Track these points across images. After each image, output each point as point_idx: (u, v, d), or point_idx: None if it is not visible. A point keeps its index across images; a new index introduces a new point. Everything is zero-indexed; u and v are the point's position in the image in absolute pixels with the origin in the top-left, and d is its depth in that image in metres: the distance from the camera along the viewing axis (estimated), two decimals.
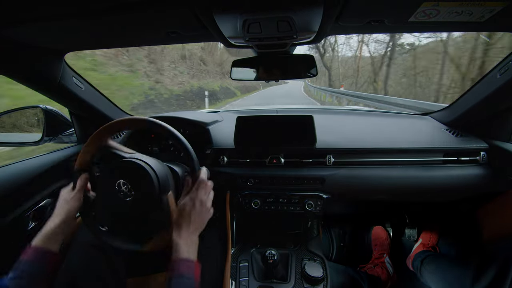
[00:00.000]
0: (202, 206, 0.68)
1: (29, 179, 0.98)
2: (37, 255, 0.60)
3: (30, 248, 0.61)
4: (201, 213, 0.67)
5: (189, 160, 0.73)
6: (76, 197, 0.71)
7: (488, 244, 1.13)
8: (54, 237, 0.63)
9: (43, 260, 0.60)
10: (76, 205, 0.70)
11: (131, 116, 0.76)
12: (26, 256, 0.59)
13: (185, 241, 0.62)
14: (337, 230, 1.66)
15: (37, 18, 0.64)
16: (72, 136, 1.25)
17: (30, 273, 0.58)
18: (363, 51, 18.61)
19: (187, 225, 0.64)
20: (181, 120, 1.19)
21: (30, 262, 0.59)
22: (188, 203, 0.66)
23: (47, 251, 0.61)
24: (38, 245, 0.61)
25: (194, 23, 0.69)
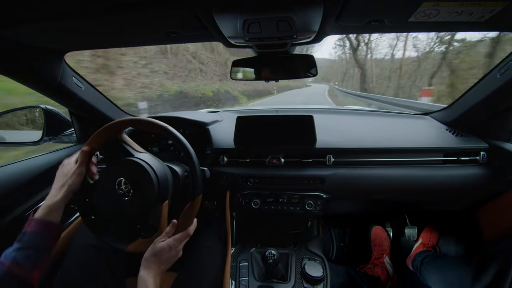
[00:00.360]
0: (176, 254, 0.69)
1: (29, 179, 0.98)
2: (40, 226, 0.62)
3: (33, 220, 0.63)
4: (170, 260, 0.69)
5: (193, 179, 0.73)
6: (78, 171, 0.71)
7: (488, 244, 1.13)
8: (56, 209, 0.66)
9: (47, 231, 0.63)
10: (77, 180, 0.71)
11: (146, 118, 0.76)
12: (30, 228, 0.61)
13: (154, 280, 0.64)
14: (337, 230, 1.66)
15: (37, 18, 0.64)
16: (72, 136, 1.25)
17: (35, 243, 0.60)
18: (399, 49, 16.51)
19: (157, 266, 0.66)
20: (181, 120, 1.19)
21: (35, 233, 0.61)
22: (165, 248, 0.67)
23: (49, 223, 0.64)
24: (41, 217, 0.63)
25: (194, 23, 0.69)
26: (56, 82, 0.95)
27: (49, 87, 0.97)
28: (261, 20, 0.64)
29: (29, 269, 0.58)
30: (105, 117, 1.24)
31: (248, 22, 0.64)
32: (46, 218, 0.64)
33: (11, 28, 0.68)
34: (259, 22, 0.65)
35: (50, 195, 0.67)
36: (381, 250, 1.47)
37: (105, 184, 0.73)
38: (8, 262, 0.56)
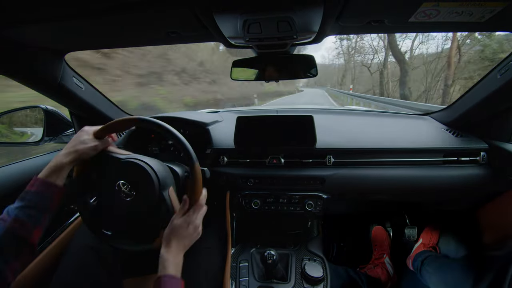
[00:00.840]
0: (194, 230, 0.69)
1: (29, 179, 0.98)
2: (43, 187, 0.61)
3: (37, 180, 0.62)
4: (191, 235, 0.69)
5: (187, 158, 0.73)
6: (94, 146, 0.70)
7: (489, 246, 1.13)
8: (60, 172, 0.65)
9: (49, 192, 0.62)
10: (90, 153, 0.70)
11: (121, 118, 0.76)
12: (33, 188, 0.61)
13: (174, 258, 0.63)
14: (337, 230, 1.66)
15: (38, 19, 0.64)
16: (72, 136, 1.25)
17: (37, 202, 0.60)
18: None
19: (177, 243, 0.65)
20: (181, 120, 1.20)
21: (38, 193, 0.60)
22: (183, 225, 0.67)
23: (53, 184, 0.63)
24: (45, 177, 0.63)
25: (194, 23, 0.69)
26: (57, 82, 0.95)
27: (50, 87, 0.97)
28: (261, 20, 0.64)
29: (30, 227, 0.57)
30: (105, 117, 1.24)
31: (248, 22, 0.64)
32: (49, 179, 0.63)
33: (11, 29, 0.69)
34: (259, 23, 0.65)
35: (58, 156, 0.66)
36: (381, 250, 1.47)
37: (106, 185, 0.73)
38: (10, 219, 0.56)
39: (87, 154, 0.70)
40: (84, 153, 0.69)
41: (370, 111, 1.61)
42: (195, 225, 0.69)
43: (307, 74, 0.97)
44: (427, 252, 1.32)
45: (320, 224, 1.36)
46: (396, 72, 14.87)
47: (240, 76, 1.00)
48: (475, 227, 1.20)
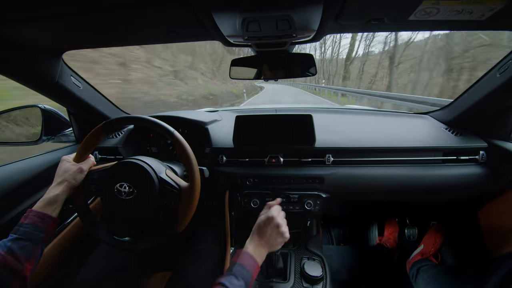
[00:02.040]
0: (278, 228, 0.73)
1: (27, 179, 0.98)
2: (38, 219, 0.63)
3: (31, 212, 0.63)
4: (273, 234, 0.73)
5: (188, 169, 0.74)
6: (78, 169, 0.73)
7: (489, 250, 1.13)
8: (54, 203, 0.66)
9: (44, 224, 0.63)
10: (79, 177, 0.72)
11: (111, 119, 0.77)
12: (27, 220, 0.62)
13: (255, 248, 0.67)
14: (336, 230, 1.66)
15: (36, 18, 0.64)
16: (71, 136, 1.25)
17: (30, 235, 0.60)
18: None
19: (258, 237, 0.71)
20: (179, 119, 1.19)
21: (31, 225, 0.62)
22: (264, 220, 0.74)
23: (48, 216, 0.64)
24: (39, 209, 0.64)
25: (193, 22, 0.68)
26: (54, 81, 0.95)
27: (47, 86, 0.97)
28: (260, 18, 0.64)
29: (23, 260, 0.57)
30: (103, 116, 1.23)
31: (247, 20, 0.64)
32: (44, 210, 0.64)
33: (8, 27, 0.68)
34: (258, 21, 0.65)
35: (50, 189, 0.68)
36: (393, 231, 1.55)
37: (106, 186, 0.73)
38: (3, 252, 0.56)
39: (76, 179, 0.72)
40: (73, 179, 0.71)
41: (370, 110, 1.61)
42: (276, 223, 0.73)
43: (306, 73, 0.96)
44: (424, 261, 1.32)
45: (320, 223, 1.36)
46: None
47: (239, 75, 1.00)
48: (477, 228, 1.20)
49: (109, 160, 1.20)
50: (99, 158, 1.20)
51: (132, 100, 7.21)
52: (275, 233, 0.73)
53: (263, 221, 0.73)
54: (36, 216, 0.63)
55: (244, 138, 1.12)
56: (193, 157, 0.74)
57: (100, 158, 1.20)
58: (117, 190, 0.70)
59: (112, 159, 1.19)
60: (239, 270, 0.59)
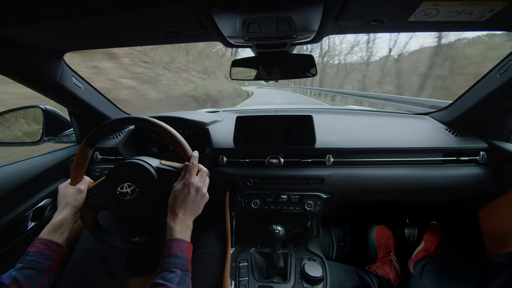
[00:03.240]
0: (197, 192, 0.68)
1: (28, 179, 0.98)
2: (44, 246, 0.61)
3: (37, 240, 0.62)
4: (195, 199, 0.67)
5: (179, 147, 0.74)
6: (77, 190, 0.72)
7: (491, 249, 1.12)
8: (61, 230, 0.65)
9: (50, 251, 0.61)
10: (80, 198, 0.72)
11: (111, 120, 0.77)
12: (33, 248, 0.60)
13: (179, 226, 0.62)
14: (337, 230, 1.66)
15: (37, 18, 0.64)
16: (72, 136, 1.25)
17: (37, 263, 0.59)
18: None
19: (180, 210, 0.65)
20: (180, 120, 1.19)
21: (38, 253, 0.60)
22: (181, 189, 0.66)
23: (53, 243, 0.63)
24: (45, 236, 0.63)
25: (193, 23, 0.69)
26: (56, 82, 0.95)
27: (49, 87, 0.97)
28: (261, 19, 0.64)
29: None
30: (104, 117, 1.23)
31: (248, 21, 0.64)
32: (50, 237, 0.63)
33: (10, 28, 0.68)
34: (259, 22, 0.65)
35: (54, 215, 0.67)
36: (388, 248, 1.47)
37: (108, 187, 0.73)
38: (7, 282, 0.55)
39: (78, 200, 0.71)
40: (74, 200, 0.70)
41: (370, 111, 1.61)
42: (196, 187, 0.68)
43: (306, 73, 0.96)
44: (428, 257, 1.31)
45: (320, 224, 1.36)
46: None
47: (239, 76, 1.00)
48: (477, 228, 1.20)
49: (110, 161, 1.20)
50: (100, 158, 1.20)
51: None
52: (198, 199, 0.67)
53: (180, 190, 0.66)
54: (42, 243, 0.61)
55: (244, 139, 1.12)
56: (180, 136, 0.73)
57: (101, 159, 1.21)
58: (120, 193, 0.70)
59: (113, 159, 1.19)
60: (170, 261, 0.57)
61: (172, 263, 0.56)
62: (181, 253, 0.58)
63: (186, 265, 0.58)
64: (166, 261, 0.57)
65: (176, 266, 0.56)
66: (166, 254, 0.58)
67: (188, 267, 0.58)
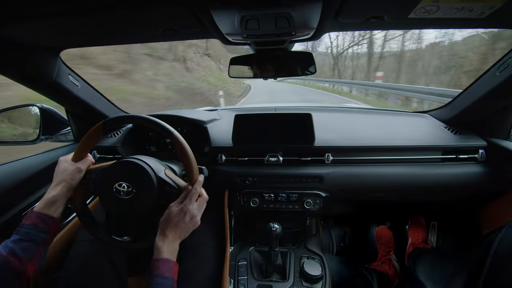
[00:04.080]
0: (192, 219, 0.68)
1: (25, 178, 0.97)
2: (39, 219, 0.62)
3: (32, 213, 0.63)
4: (187, 225, 0.67)
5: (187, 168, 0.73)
6: (76, 168, 0.72)
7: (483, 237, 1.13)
8: (54, 204, 0.66)
9: (45, 224, 0.62)
10: (77, 177, 0.71)
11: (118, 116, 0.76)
12: (28, 220, 0.61)
13: (167, 246, 0.63)
14: (336, 229, 1.66)
15: (33, 16, 0.63)
16: (69, 135, 1.24)
17: (32, 235, 0.60)
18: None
19: (173, 232, 0.65)
20: (178, 118, 1.19)
21: (33, 226, 0.61)
22: (178, 213, 0.66)
23: (48, 216, 0.64)
24: (40, 210, 0.63)
25: (191, 20, 0.68)
26: (52, 80, 0.94)
27: (45, 85, 0.96)
28: (259, 16, 0.63)
29: (25, 261, 0.57)
30: (101, 115, 1.22)
31: (246, 18, 0.63)
32: (45, 211, 0.63)
33: (5, 26, 0.67)
34: (257, 19, 0.64)
35: (49, 189, 0.67)
36: (388, 248, 1.48)
37: (105, 185, 0.72)
38: (5, 253, 0.56)
39: (74, 178, 0.71)
40: (71, 179, 0.70)
41: (369, 109, 1.61)
42: (192, 214, 0.67)
43: (305, 71, 0.96)
44: (418, 249, 1.33)
45: (320, 223, 1.36)
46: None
47: (238, 73, 0.99)
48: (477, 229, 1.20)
49: (108, 160, 1.20)
50: (97, 157, 1.20)
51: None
52: (190, 226, 0.68)
53: (176, 214, 0.66)
54: (37, 216, 0.62)
55: (243, 137, 1.11)
56: (193, 157, 0.73)
57: (98, 157, 1.20)
58: (116, 189, 0.70)
59: (111, 158, 1.19)
60: (158, 281, 0.58)
61: (160, 284, 0.58)
62: (168, 274, 0.60)
63: (172, 286, 0.59)
64: (154, 281, 0.58)
65: (164, 286, 0.58)
66: (154, 274, 0.59)
67: (174, 286, 0.60)
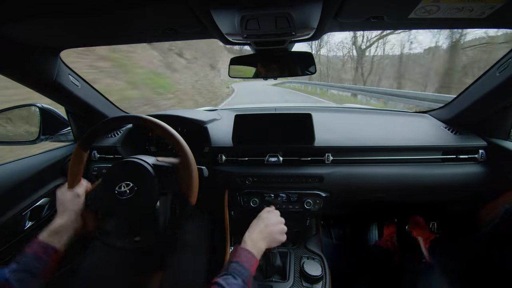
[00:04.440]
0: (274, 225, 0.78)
1: (25, 179, 0.97)
2: (41, 249, 0.61)
3: (36, 241, 0.62)
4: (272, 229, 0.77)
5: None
6: (75, 194, 0.72)
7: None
8: (59, 235, 0.65)
9: (46, 255, 0.61)
10: (78, 202, 0.72)
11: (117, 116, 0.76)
12: (30, 249, 0.60)
13: (252, 242, 0.68)
14: (336, 230, 1.66)
15: (33, 16, 0.63)
16: (69, 135, 1.24)
17: (31, 266, 0.58)
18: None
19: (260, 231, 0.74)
20: (178, 118, 1.19)
21: (33, 256, 0.60)
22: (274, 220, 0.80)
23: (50, 247, 0.62)
24: (44, 239, 0.63)
25: (191, 20, 0.68)
26: (52, 80, 0.94)
27: (45, 85, 0.96)
28: (259, 16, 0.63)
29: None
30: (101, 115, 1.22)
31: (246, 18, 0.63)
32: (49, 241, 0.63)
33: (5, 26, 0.67)
34: (257, 18, 0.64)
35: (54, 219, 0.67)
36: (391, 233, 1.56)
37: (107, 186, 0.72)
38: (0, 282, 0.55)
39: (76, 205, 0.71)
40: (73, 205, 0.70)
41: (369, 109, 1.61)
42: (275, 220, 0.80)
43: (305, 71, 0.96)
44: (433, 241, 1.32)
45: (320, 223, 1.36)
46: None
47: (238, 73, 0.99)
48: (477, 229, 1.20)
49: (108, 159, 1.20)
50: (97, 157, 1.20)
51: None
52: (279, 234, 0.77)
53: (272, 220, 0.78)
54: (40, 246, 0.61)
55: (243, 137, 1.11)
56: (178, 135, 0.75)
57: (99, 158, 1.20)
58: (118, 192, 0.70)
59: (111, 158, 1.19)
60: (236, 268, 0.59)
61: (237, 271, 0.59)
62: (247, 265, 0.61)
63: (248, 278, 0.60)
64: (233, 266, 0.60)
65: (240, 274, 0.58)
66: (236, 259, 0.61)
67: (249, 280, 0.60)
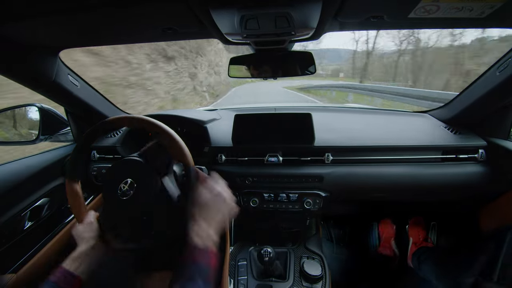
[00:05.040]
0: (225, 201, 0.66)
1: (25, 179, 0.97)
2: (63, 277, 0.62)
3: (60, 269, 0.63)
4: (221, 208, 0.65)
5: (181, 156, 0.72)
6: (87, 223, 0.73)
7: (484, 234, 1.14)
8: (78, 260, 0.66)
9: (65, 284, 0.62)
10: (92, 228, 0.72)
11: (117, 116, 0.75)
12: (53, 278, 0.61)
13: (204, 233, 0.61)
14: (336, 230, 1.66)
15: (32, 15, 0.63)
16: (68, 135, 1.24)
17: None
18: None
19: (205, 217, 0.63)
20: (178, 118, 1.18)
21: (54, 284, 0.60)
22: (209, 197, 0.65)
23: (72, 275, 0.63)
24: (66, 267, 0.64)
25: (190, 19, 0.68)
26: (51, 80, 0.94)
27: (44, 85, 0.96)
28: (259, 15, 0.63)
29: None
30: (101, 115, 1.22)
31: (246, 18, 0.63)
32: (70, 267, 0.64)
33: (4, 26, 0.67)
34: (257, 18, 0.64)
35: (78, 248, 0.68)
36: (389, 237, 1.54)
37: (108, 186, 0.72)
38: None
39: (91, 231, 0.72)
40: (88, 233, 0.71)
41: (369, 109, 1.61)
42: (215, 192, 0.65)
43: (305, 71, 0.95)
44: (421, 248, 1.35)
45: (320, 223, 1.36)
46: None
47: (237, 73, 0.99)
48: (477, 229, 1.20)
49: (108, 159, 1.19)
50: (97, 157, 1.20)
51: None
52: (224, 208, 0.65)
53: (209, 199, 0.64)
54: (62, 274, 0.62)
55: (243, 137, 1.11)
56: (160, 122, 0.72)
57: (98, 158, 1.20)
58: (121, 193, 0.69)
59: (111, 158, 1.18)
60: (194, 269, 0.56)
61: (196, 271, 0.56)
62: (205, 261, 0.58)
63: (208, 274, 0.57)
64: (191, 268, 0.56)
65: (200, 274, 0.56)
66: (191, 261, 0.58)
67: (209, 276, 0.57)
